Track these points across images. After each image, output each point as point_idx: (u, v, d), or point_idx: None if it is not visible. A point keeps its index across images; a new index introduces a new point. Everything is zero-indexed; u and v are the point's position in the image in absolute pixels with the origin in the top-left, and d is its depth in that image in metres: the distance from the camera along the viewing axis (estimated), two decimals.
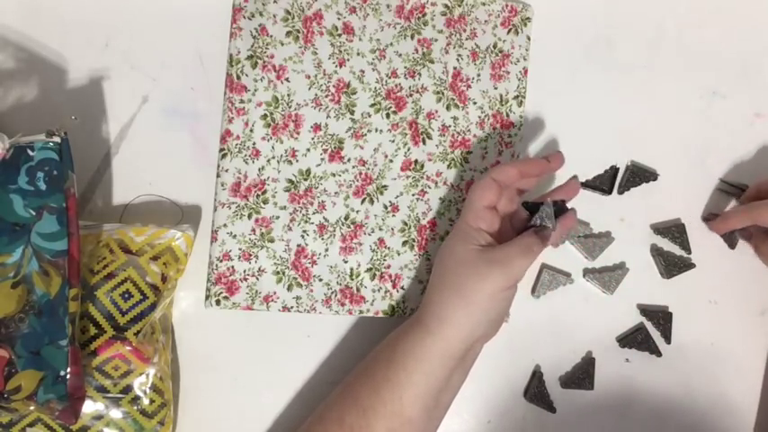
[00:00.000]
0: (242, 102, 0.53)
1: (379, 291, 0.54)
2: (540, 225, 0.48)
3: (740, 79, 0.60)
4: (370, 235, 0.54)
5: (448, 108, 0.55)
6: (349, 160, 0.54)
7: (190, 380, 0.54)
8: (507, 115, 0.56)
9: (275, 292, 0.53)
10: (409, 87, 0.55)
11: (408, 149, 0.55)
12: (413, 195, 0.55)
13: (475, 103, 0.56)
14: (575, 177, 0.53)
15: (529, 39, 0.57)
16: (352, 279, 0.54)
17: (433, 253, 0.55)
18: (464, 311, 0.46)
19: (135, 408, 0.48)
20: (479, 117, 0.56)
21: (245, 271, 0.53)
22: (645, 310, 0.57)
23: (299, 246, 0.54)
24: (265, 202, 0.53)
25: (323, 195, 0.54)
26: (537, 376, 0.56)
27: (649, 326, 0.57)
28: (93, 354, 0.47)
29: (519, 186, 0.51)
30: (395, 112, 0.55)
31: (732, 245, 0.58)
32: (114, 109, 0.54)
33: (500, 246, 0.47)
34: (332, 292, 0.54)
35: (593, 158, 0.58)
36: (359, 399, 0.47)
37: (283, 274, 0.53)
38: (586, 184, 0.57)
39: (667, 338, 0.57)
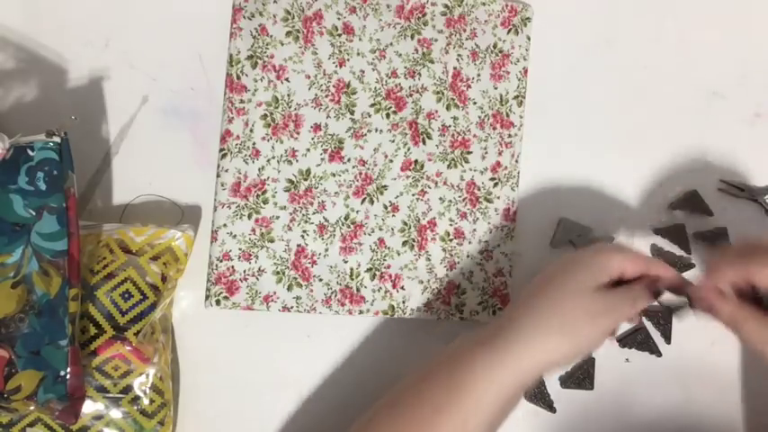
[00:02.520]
0: (242, 102, 0.53)
1: (379, 291, 0.54)
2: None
3: (740, 79, 0.60)
4: (370, 235, 0.54)
5: (448, 108, 0.55)
6: (349, 160, 0.54)
7: (190, 380, 0.54)
8: (507, 115, 0.56)
9: (275, 292, 0.53)
10: (409, 87, 0.55)
11: (408, 149, 0.55)
12: (413, 195, 0.55)
13: (475, 103, 0.56)
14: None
15: (529, 39, 0.57)
16: (352, 279, 0.54)
17: (433, 253, 0.55)
18: (558, 341, 0.44)
19: (135, 408, 0.48)
20: (479, 117, 0.56)
21: (245, 271, 0.53)
22: (645, 310, 0.57)
23: (299, 246, 0.54)
24: (265, 202, 0.53)
25: (323, 195, 0.54)
26: None
27: (649, 326, 0.57)
28: (93, 354, 0.47)
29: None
30: (395, 112, 0.55)
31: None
32: (114, 109, 0.54)
33: (611, 290, 0.45)
34: (332, 292, 0.54)
35: (593, 158, 0.58)
36: (415, 420, 0.45)
37: (283, 274, 0.53)
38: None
39: (667, 338, 0.57)
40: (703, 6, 0.59)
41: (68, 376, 0.44)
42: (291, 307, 0.53)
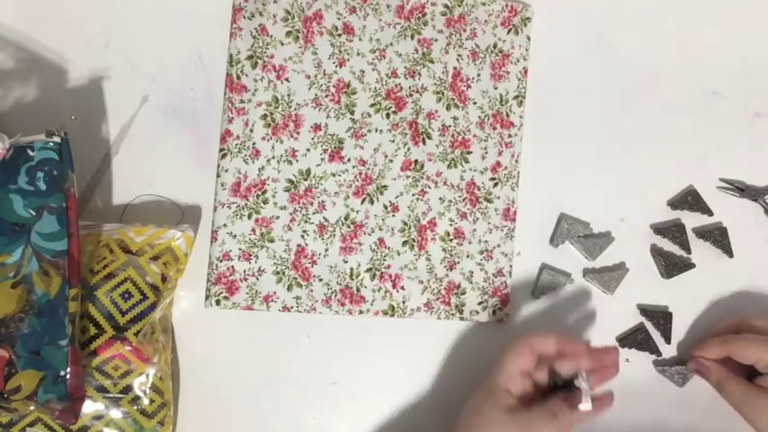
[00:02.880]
0: (242, 102, 0.53)
1: (379, 291, 0.54)
2: (572, 393, 0.47)
3: (740, 79, 0.60)
4: (370, 235, 0.54)
5: (448, 108, 0.55)
6: (349, 160, 0.54)
7: (190, 380, 0.54)
8: (507, 115, 0.56)
9: (275, 292, 0.53)
10: (409, 87, 0.55)
11: (408, 149, 0.55)
12: (413, 195, 0.55)
13: (475, 103, 0.56)
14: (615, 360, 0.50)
15: (529, 39, 0.57)
16: (352, 279, 0.54)
17: (433, 253, 0.55)
18: None
19: (135, 408, 0.48)
20: (479, 117, 0.56)
21: (245, 271, 0.53)
22: (645, 310, 0.57)
23: (299, 246, 0.54)
24: (265, 202, 0.53)
25: (323, 195, 0.54)
26: None
27: (649, 326, 0.57)
28: (93, 354, 0.47)
29: (557, 365, 0.49)
30: (395, 112, 0.55)
31: (683, 382, 0.57)
32: (114, 109, 0.54)
33: (526, 410, 0.46)
34: (332, 292, 0.54)
35: (593, 158, 0.58)
36: None
37: (283, 274, 0.53)
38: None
39: (667, 338, 0.57)
40: (703, 6, 0.59)
41: (68, 376, 0.44)
42: (291, 307, 0.53)
